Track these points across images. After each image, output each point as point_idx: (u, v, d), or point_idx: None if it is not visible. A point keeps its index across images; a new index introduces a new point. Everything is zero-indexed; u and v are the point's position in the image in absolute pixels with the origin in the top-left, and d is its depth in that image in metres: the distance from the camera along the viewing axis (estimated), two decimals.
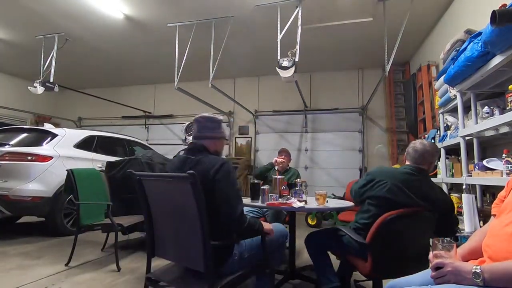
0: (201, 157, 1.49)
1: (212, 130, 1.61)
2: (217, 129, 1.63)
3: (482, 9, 2.89)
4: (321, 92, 7.02)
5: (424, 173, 1.72)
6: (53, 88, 5.23)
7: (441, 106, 3.33)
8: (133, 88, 8.51)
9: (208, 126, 1.61)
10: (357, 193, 1.80)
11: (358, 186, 1.80)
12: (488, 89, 2.38)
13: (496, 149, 2.60)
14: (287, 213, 2.83)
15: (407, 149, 1.83)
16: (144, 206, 1.54)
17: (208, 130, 1.60)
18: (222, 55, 4.72)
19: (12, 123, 7.29)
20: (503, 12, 1.55)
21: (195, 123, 1.63)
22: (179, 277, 1.50)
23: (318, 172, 6.78)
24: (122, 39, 5.47)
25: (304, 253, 3.35)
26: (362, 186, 1.76)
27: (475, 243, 1.15)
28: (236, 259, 1.51)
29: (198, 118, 1.64)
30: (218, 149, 1.65)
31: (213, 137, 1.61)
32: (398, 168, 1.83)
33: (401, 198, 1.60)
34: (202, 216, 1.29)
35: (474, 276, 0.92)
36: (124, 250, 3.24)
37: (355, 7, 4.24)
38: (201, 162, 1.45)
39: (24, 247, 3.23)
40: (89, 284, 2.31)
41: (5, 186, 3.46)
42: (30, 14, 4.65)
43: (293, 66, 3.50)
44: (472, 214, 2.18)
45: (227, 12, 4.44)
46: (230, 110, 7.46)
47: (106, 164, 3.62)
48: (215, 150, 1.61)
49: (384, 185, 1.64)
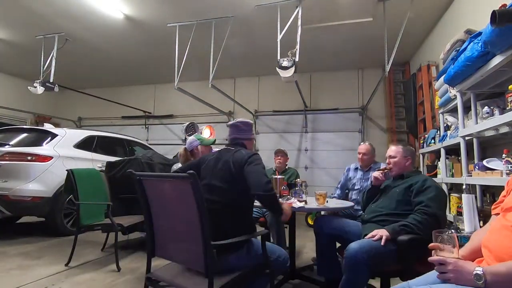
0: (240, 149, 1.79)
1: (247, 132, 1.97)
2: (250, 132, 2.01)
3: (482, 9, 2.89)
4: (321, 92, 7.02)
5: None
6: (53, 88, 5.23)
7: (441, 106, 3.33)
8: (133, 88, 8.50)
9: (244, 129, 1.95)
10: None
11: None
12: (488, 89, 2.38)
13: (496, 149, 2.60)
14: None
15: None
16: (144, 206, 1.54)
17: (244, 132, 1.95)
18: (222, 55, 4.72)
19: (12, 123, 7.30)
20: (503, 12, 1.55)
21: (232, 127, 1.96)
22: (179, 277, 1.50)
23: (318, 172, 6.78)
24: (122, 39, 5.46)
25: (304, 253, 3.36)
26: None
27: (476, 243, 1.15)
28: (244, 254, 1.55)
29: (235, 123, 1.97)
30: (250, 147, 1.99)
31: (248, 138, 1.98)
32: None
33: None
34: (202, 216, 1.29)
35: (475, 278, 0.91)
36: (124, 250, 3.24)
37: (355, 7, 4.24)
38: (240, 152, 1.75)
39: (24, 247, 3.23)
40: (89, 284, 2.32)
41: (5, 186, 3.46)
42: (30, 14, 4.65)
43: (293, 66, 3.50)
44: (472, 214, 2.18)
45: (227, 12, 4.43)
46: (230, 110, 7.46)
47: (106, 164, 3.63)
48: (249, 148, 1.96)
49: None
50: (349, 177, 3.16)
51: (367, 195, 2.17)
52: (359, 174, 3.11)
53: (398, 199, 1.87)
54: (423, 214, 1.67)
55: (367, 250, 1.58)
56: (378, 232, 1.67)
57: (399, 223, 1.68)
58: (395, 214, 1.81)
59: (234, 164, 1.65)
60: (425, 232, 1.57)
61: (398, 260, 1.62)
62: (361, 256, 1.56)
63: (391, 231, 1.64)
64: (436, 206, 1.70)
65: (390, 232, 1.64)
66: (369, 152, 3.03)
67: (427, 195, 1.74)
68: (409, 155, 2.04)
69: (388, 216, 1.83)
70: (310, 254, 3.24)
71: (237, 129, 1.95)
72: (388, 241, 1.62)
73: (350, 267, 1.59)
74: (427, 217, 1.65)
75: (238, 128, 1.95)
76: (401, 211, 1.81)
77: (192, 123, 5.18)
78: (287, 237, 2.64)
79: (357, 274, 1.60)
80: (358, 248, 1.59)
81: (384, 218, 1.83)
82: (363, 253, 1.57)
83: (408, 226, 1.64)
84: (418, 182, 1.84)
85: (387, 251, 1.61)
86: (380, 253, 1.59)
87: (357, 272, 1.59)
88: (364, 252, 1.57)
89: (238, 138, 1.92)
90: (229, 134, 1.96)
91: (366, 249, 1.59)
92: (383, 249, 1.60)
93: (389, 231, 1.64)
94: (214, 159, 1.80)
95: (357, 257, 1.56)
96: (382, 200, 2.01)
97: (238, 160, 1.65)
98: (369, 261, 1.56)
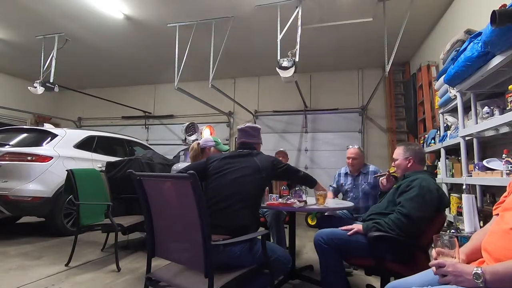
0: (260, 152, 1.98)
1: (256, 137, 2.08)
2: (258, 136, 2.11)
3: (482, 9, 2.89)
4: (321, 92, 7.02)
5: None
6: (53, 88, 5.23)
7: (441, 106, 3.33)
8: (133, 88, 8.51)
9: (253, 134, 2.06)
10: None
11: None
12: (488, 89, 2.38)
13: (496, 149, 2.60)
14: (287, 213, 2.83)
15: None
16: (144, 206, 1.54)
17: (252, 137, 2.06)
18: (222, 55, 4.72)
19: (12, 123, 7.30)
20: (503, 12, 1.55)
21: (242, 131, 2.06)
22: (179, 277, 1.50)
23: (318, 172, 6.77)
24: (122, 39, 5.47)
25: (304, 253, 3.36)
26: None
27: (477, 242, 1.15)
28: (245, 250, 1.56)
29: (245, 128, 2.07)
30: (259, 150, 2.08)
31: (257, 142, 2.09)
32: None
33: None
34: (202, 216, 1.29)
35: (475, 277, 0.92)
36: (124, 250, 3.24)
37: (355, 7, 4.24)
38: (261, 155, 1.95)
39: (24, 247, 3.23)
40: (89, 284, 2.31)
41: (5, 186, 3.45)
42: (30, 14, 4.65)
43: (293, 66, 3.49)
44: (472, 214, 2.18)
45: (227, 12, 4.44)
46: (230, 110, 7.46)
47: (106, 164, 3.62)
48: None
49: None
50: (341, 183, 3.07)
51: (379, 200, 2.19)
52: (349, 180, 2.99)
53: (389, 199, 1.91)
54: (397, 213, 1.71)
55: (328, 234, 1.81)
56: (353, 226, 1.83)
57: (372, 222, 1.78)
58: (382, 214, 1.85)
59: (262, 163, 1.85)
60: (397, 231, 1.65)
61: (371, 256, 1.72)
62: (322, 239, 1.78)
63: (365, 227, 1.76)
64: (412, 206, 1.68)
65: (364, 228, 1.76)
66: (358, 156, 2.89)
67: (406, 196, 1.75)
68: (410, 156, 1.97)
69: (376, 216, 1.87)
70: (310, 254, 3.24)
71: (246, 133, 2.06)
72: (358, 234, 1.77)
73: (318, 250, 1.82)
74: (400, 216, 1.68)
75: (247, 133, 2.06)
76: (389, 211, 1.83)
77: (192, 123, 5.17)
78: (287, 237, 2.65)
79: (325, 256, 1.79)
80: (322, 233, 1.83)
81: (373, 217, 1.87)
82: (326, 236, 1.79)
83: (379, 224, 1.72)
84: (405, 183, 1.83)
85: (357, 243, 1.76)
86: (350, 242, 1.77)
87: (324, 255, 1.79)
88: (329, 237, 1.79)
89: (248, 142, 2.03)
90: (238, 137, 2.10)
91: (327, 232, 1.82)
92: (353, 239, 1.77)
93: (363, 227, 1.77)
94: (229, 159, 1.90)
95: (318, 240, 1.80)
96: (382, 200, 2.02)
97: (265, 162, 1.88)
98: (337, 247, 1.77)
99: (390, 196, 1.92)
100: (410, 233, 1.66)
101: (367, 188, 2.85)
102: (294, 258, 2.50)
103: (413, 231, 1.67)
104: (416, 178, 1.81)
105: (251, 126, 2.09)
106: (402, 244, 1.68)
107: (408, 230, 1.66)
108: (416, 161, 1.95)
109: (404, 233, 1.65)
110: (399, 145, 2.10)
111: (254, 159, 1.87)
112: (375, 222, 1.75)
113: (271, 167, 1.87)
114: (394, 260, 1.69)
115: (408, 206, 1.69)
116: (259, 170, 1.81)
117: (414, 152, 1.97)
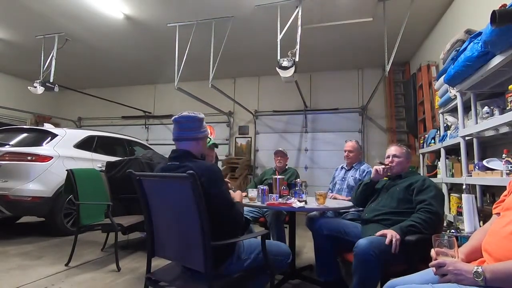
0: (187, 163, 1.44)
1: (194, 131, 1.54)
2: (199, 129, 1.56)
3: (482, 9, 2.89)
4: (321, 92, 7.02)
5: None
6: (53, 88, 5.23)
7: (441, 106, 3.33)
8: (133, 88, 8.50)
9: (189, 127, 1.53)
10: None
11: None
12: (488, 89, 2.38)
13: (496, 149, 2.60)
14: (287, 213, 2.83)
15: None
16: (144, 206, 1.54)
17: (189, 131, 1.53)
18: (222, 55, 4.72)
19: (12, 123, 7.29)
20: (503, 12, 1.55)
21: (174, 123, 1.55)
22: (179, 277, 1.50)
23: (318, 172, 6.78)
24: (122, 39, 5.46)
25: (304, 253, 3.36)
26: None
27: (476, 242, 1.15)
28: (234, 261, 1.50)
29: (177, 118, 1.53)
30: (203, 150, 1.58)
31: (195, 138, 1.55)
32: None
33: None
34: (202, 216, 1.29)
35: (475, 276, 0.92)
36: (124, 250, 3.24)
37: (355, 7, 4.24)
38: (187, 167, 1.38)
39: (24, 247, 3.23)
40: (89, 284, 2.31)
41: (5, 186, 3.46)
42: (30, 14, 4.65)
43: (293, 66, 3.50)
44: (472, 214, 2.18)
45: (227, 12, 4.43)
46: (230, 110, 7.45)
47: (106, 164, 3.62)
48: (199, 153, 1.55)
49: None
50: (333, 177, 3.18)
51: (362, 188, 2.17)
52: (341, 172, 3.10)
53: (399, 197, 1.89)
54: (427, 212, 1.68)
55: (377, 246, 1.52)
56: (386, 232, 1.62)
57: (406, 223, 1.66)
58: (397, 213, 1.83)
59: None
60: (430, 230, 1.60)
61: (404, 260, 1.59)
62: (372, 251, 1.50)
63: (400, 232, 1.60)
64: (437, 204, 1.73)
65: (399, 233, 1.59)
66: (354, 149, 3.00)
67: (428, 194, 1.76)
68: (410, 157, 2.13)
69: (389, 215, 1.84)
70: (310, 254, 3.24)
71: (180, 126, 1.56)
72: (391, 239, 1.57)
73: (361, 263, 1.52)
74: (431, 215, 1.67)
75: (181, 125, 1.56)
76: (403, 209, 1.83)
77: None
78: (287, 237, 2.65)
79: (368, 271, 1.53)
80: (368, 243, 1.53)
81: (386, 217, 1.84)
82: (374, 247, 1.51)
83: (415, 226, 1.63)
84: (418, 181, 1.87)
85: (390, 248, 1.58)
86: (389, 251, 1.54)
87: (368, 269, 1.53)
88: (375, 247, 1.51)
89: (181, 138, 1.57)
90: (173, 133, 1.60)
91: (375, 244, 1.53)
92: (391, 248, 1.55)
93: (398, 232, 1.60)
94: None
95: (368, 252, 1.50)
96: (382, 199, 2.01)
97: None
98: (380, 258, 1.51)
99: (399, 194, 1.90)
100: (437, 231, 1.67)
101: (353, 183, 2.89)
102: (294, 258, 2.50)
103: (439, 228, 1.71)
104: (425, 178, 1.90)
105: (187, 115, 1.55)
106: (427, 243, 1.64)
107: (436, 228, 1.67)
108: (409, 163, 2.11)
109: (434, 231, 1.57)
110: (398, 145, 2.17)
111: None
112: (409, 225, 1.64)
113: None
114: (421, 260, 1.56)
115: (436, 204, 1.72)
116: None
117: (409, 154, 2.13)
